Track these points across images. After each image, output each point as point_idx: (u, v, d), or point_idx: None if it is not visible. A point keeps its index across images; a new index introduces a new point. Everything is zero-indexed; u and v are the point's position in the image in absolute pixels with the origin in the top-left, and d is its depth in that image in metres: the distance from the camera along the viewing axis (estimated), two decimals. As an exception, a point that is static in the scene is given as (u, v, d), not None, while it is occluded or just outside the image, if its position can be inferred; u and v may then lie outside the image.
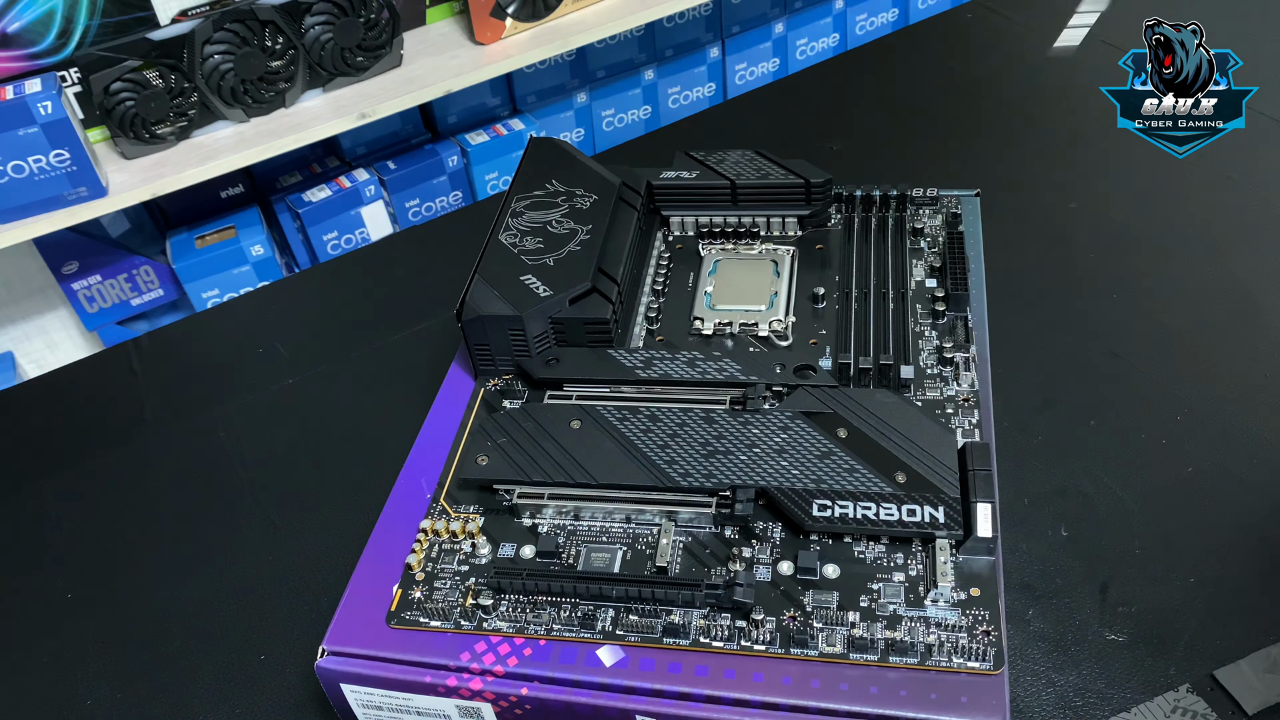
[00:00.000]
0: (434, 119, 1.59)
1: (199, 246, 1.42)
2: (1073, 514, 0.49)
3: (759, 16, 1.75)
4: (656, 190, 0.58)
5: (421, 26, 1.46)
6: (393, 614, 0.42)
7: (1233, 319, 0.58)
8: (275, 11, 1.26)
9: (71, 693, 0.48)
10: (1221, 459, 0.51)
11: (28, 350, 1.49)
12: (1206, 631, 0.44)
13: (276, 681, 0.47)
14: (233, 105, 1.29)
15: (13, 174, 1.16)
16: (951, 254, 0.52)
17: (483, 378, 0.52)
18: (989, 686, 0.37)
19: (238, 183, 1.49)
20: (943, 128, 0.77)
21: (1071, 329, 0.59)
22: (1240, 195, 0.67)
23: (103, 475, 0.59)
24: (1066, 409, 0.54)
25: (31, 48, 1.22)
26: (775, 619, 0.39)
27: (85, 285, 1.41)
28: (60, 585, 0.53)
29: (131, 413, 0.63)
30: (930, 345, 0.50)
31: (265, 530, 0.54)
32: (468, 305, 0.49)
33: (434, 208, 1.56)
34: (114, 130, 1.24)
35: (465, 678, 0.39)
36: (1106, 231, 0.66)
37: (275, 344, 0.67)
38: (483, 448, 0.46)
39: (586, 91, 1.66)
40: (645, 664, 0.39)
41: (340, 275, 0.76)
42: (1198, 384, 0.55)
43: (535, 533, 0.44)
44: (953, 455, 0.42)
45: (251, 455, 0.59)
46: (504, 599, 0.41)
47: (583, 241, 0.52)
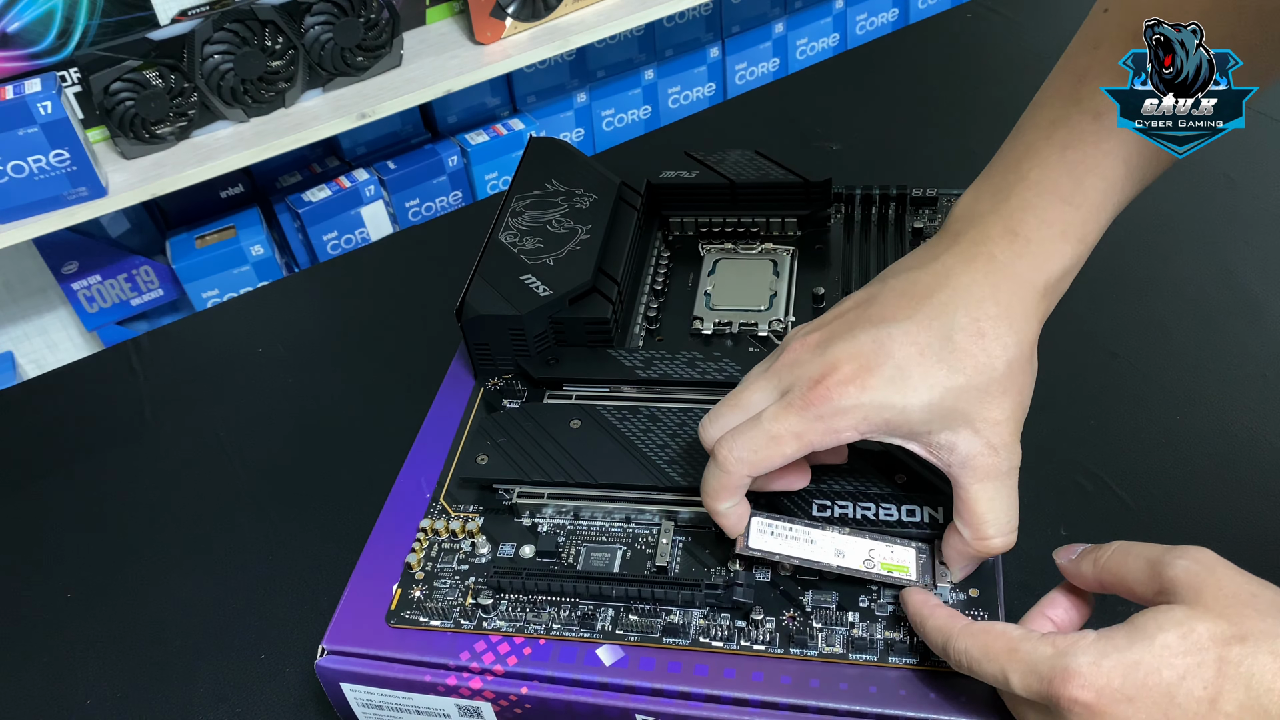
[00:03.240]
0: (434, 119, 1.58)
1: (199, 246, 1.42)
2: (1072, 513, 0.49)
3: (759, 16, 1.75)
4: (656, 190, 0.58)
5: (421, 26, 1.46)
6: (392, 613, 0.42)
7: (1232, 318, 0.59)
8: (275, 11, 1.26)
9: (71, 693, 0.48)
10: (1221, 459, 0.51)
11: (28, 350, 1.49)
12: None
13: (276, 681, 0.47)
14: (233, 105, 1.29)
15: (13, 174, 1.16)
16: (951, 254, 0.52)
17: (482, 377, 0.52)
18: (988, 686, 0.37)
19: (238, 183, 1.49)
20: (943, 128, 0.77)
21: (1071, 329, 0.59)
22: (1240, 195, 0.67)
23: (103, 475, 0.59)
24: (1066, 409, 0.54)
25: (31, 48, 1.22)
26: (775, 619, 0.39)
27: (85, 285, 1.41)
28: (60, 585, 0.53)
29: (131, 413, 0.63)
30: (930, 345, 0.50)
31: (265, 530, 0.54)
32: (468, 305, 0.49)
33: (434, 208, 1.56)
34: (114, 130, 1.24)
35: (465, 677, 0.39)
36: (1107, 232, 0.66)
37: (275, 344, 0.67)
38: (483, 447, 0.46)
39: (586, 91, 1.65)
40: (645, 663, 0.39)
41: (340, 275, 0.76)
42: (1198, 384, 0.55)
43: (535, 532, 0.44)
44: (952, 455, 0.42)
45: (251, 455, 0.59)
46: (504, 598, 0.41)
47: (583, 241, 0.52)
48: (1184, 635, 0.31)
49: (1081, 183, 0.39)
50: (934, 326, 0.38)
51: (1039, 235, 0.39)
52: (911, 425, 0.37)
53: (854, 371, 0.37)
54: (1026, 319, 0.38)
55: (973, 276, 0.39)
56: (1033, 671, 0.32)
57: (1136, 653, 0.31)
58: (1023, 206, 0.39)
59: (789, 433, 0.37)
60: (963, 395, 0.37)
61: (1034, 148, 0.40)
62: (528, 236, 0.52)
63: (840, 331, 0.39)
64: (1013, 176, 0.40)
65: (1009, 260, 0.39)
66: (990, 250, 0.39)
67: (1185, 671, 0.30)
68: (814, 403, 0.37)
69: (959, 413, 0.37)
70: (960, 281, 0.38)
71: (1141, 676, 0.30)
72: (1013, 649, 0.33)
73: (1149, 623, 0.31)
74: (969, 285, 0.38)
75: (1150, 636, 0.31)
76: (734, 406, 0.39)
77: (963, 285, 0.38)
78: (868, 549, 0.39)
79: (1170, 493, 0.50)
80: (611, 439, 0.45)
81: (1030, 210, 0.39)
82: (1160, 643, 0.31)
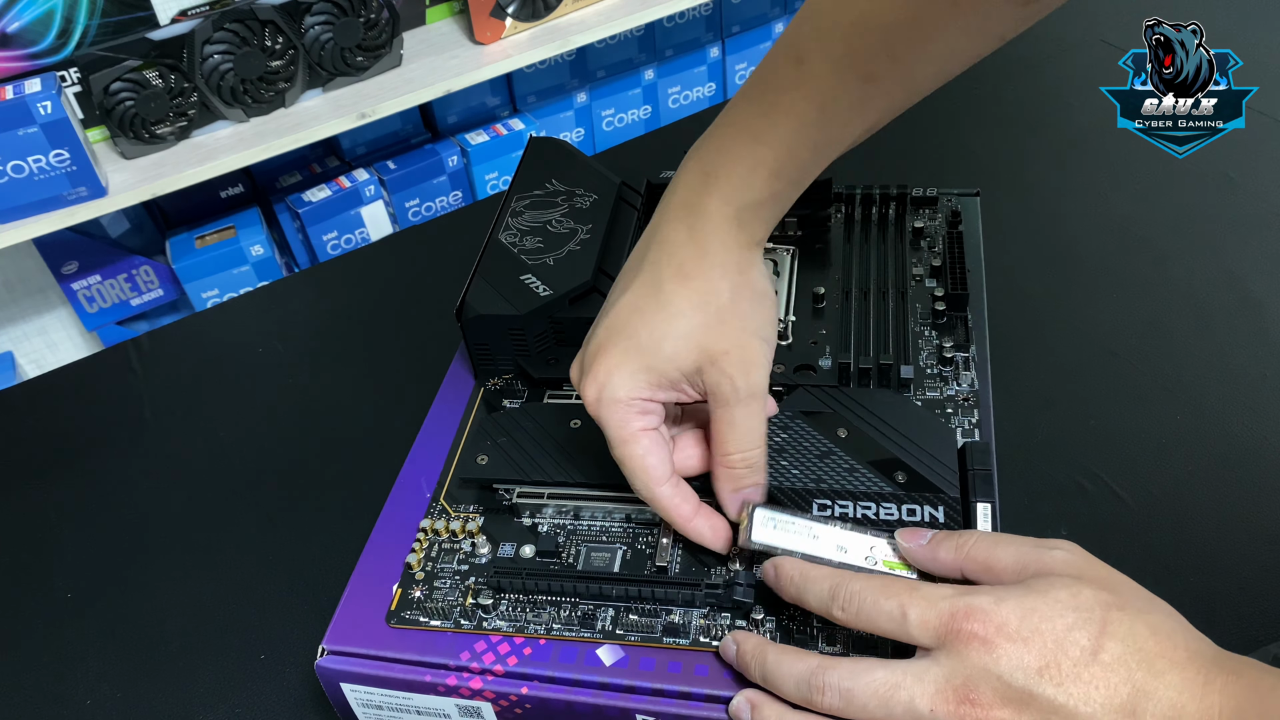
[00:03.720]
0: (434, 119, 1.58)
1: (199, 246, 1.42)
2: (1073, 514, 0.49)
3: (759, 16, 1.75)
4: (657, 190, 0.58)
5: (421, 26, 1.46)
6: (393, 613, 0.42)
7: (1232, 319, 0.59)
8: (275, 11, 1.26)
9: (71, 693, 0.48)
10: (1221, 459, 0.51)
11: (28, 350, 1.49)
12: (1206, 631, 0.44)
13: (276, 681, 0.47)
14: (232, 105, 1.29)
15: (12, 174, 1.15)
16: (951, 254, 0.52)
17: (483, 377, 0.52)
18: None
19: (238, 183, 1.49)
20: (943, 128, 0.77)
21: (1071, 329, 0.59)
22: (1240, 195, 0.67)
23: (103, 475, 0.59)
24: (1066, 409, 0.54)
25: (31, 48, 1.22)
26: (775, 619, 0.39)
27: (85, 285, 1.40)
28: (60, 585, 0.53)
29: (131, 413, 0.63)
30: (930, 345, 0.50)
31: (265, 530, 0.54)
32: (468, 305, 0.49)
33: (434, 208, 1.56)
34: (114, 130, 1.24)
35: (465, 677, 0.39)
36: (1106, 231, 0.66)
37: (275, 344, 0.67)
38: (483, 447, 0.46)
39: (586, 91, 1.65)
40: (645, 663, 0.39)
41: (340, 275, 0.76)
42: (1198, 384, 0.55)
43: (535, 532, 0.44)
44: (953, 455, 0.42)
45: (251, 455, 0.59)
46: (504, 598, 0.41)
47: (583, 241, 0.52)
48: (1074, 595, 0.33)
49: (774, 122, 0.40)
50: (647, 284, 0.41)
51: (726, 170, 0.40)
52: (669, 375, 0.40)
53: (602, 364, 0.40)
54: (726, 248, 0.41)
55: (673, 226, 0.41)
56: (933, 607, 0.34)
57: (1032, 601, 0.33)
58: (717, 149, 0.41)
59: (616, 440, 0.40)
60: (692, 335, 0.39)
61: (739, 96, 0.42)
62: (528, 236, 0.52)
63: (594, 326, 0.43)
64: (716, 122, 0.42)
65: (700, 198, 0.41)
66: (685, 196, 0.41)
67: (1074, 624, 0.33)
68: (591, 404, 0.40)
69: (698, 349, 0.40)
70: (662, 234, 0.41)
71: (1035, 622, 0.33)
72: (913, 588, 0.35)
73: (1041, 583, 0.34)
74: (669, 235, 0.41)
75: (1043, 592, 0.34)
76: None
77: (663, 236, 0.41)
78: (869, 545, 0.39)
79: (1170, 493, 0.50)
80: (612, 439, 0.45)
81: (721, 151, 0.41)
82: (1053, 597, 0.33)
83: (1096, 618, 0.33)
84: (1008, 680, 0.32)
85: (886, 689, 0.34)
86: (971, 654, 0.33)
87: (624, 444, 0.40)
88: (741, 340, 0.40)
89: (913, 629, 0.34)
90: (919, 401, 0.47)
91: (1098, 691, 0.32)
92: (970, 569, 0.36)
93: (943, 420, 0.46)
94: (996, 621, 0.33)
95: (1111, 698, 0.31)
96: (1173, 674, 0.32)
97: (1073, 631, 0.32)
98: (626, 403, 0.40)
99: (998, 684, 0.32)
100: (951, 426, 0.46)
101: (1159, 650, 0.32)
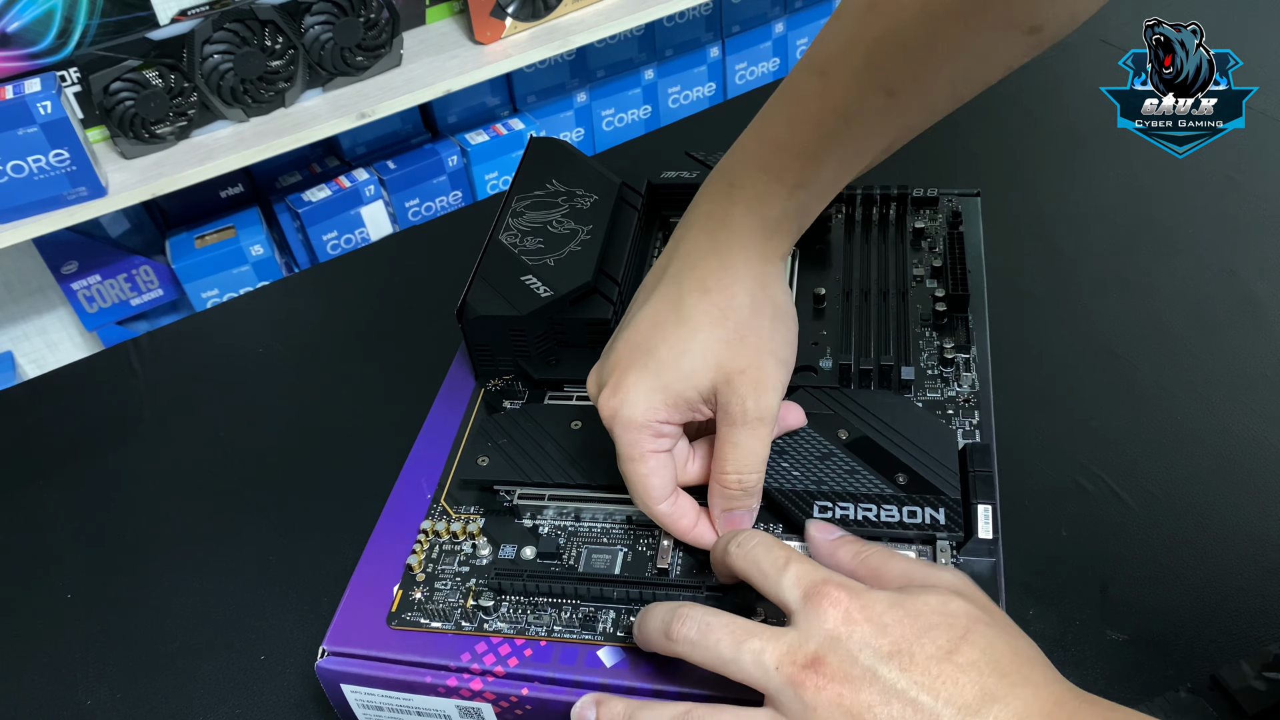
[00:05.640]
0: (434, 119, 1.58)
1: (199, 246, 1.42)
2: (1073, 514, 0.49)
3: (759, 16, 1.75)
4: (657, 190, 0.58)
5: (421, 26, 1.46)
6: (393, 614, 0.42)
7: (1233, 318, 0.58)
8: (275, 11, 1.26)
9: (71, 693, 0.48)
10: (1221, 459, 0.51)
11: (28, 350, 1.49)
12: (1206, 631, 0.44)
13: (276, 681, 0.47)
14: (232, 105, 1.29)
15: (12, 174, 1.16)
16: (952, 255, 0.52)
17: (483, 378, 0.52)
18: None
19: (237, 183, 1.49)
20: (943, 128, 0.77)
21: (1071, 329, 0.59)
22: (1240, 195, 0.67)
23: (103, 475, 0.59)
24: (1066, 409, 0.54)
25: (31, 47, 1.22)
26: (776, 619, 0.39)
27: (85, 285, 1.40)
28: (60, 585, 0.53)
29: (131, 413, 0.63)
30: (931, 346, 0.50)
31: (265, 530, 0.54)
32: (468, 305, 0.49)
33: (434, 208, 1.56)
34: (114, 130, 1.24)
35: (466, 678, 0.39)
36: (1106, 232, 0.66)
37: (275, 344, 0.67)
38: (483, 448, 0.46)
39: (586, 91, 1.65)
40: (645, 665, 0.39)
41: (340, 275, 0.76)
42: (1198, 384, 0.55)
43: (536, 534, 0.44)
44: (953, 457, 0.42)
45: (251, 455, 0.59)
46: (505, 600, 0.41)
47: (583, 242, 0.52)
48: (944, 603, 0.34)
49: (797, 134, 0.40)
50: (668, 297, 0.40)
51: (750, 181, 0.40)
52: (686, 395, 0.40)
53: (620, 381, 0.40)
54: (748, 261, 0.40)
55: (695, 239, 0.41)
56: (814, 571, 0.35)
57: (902, 598, 0.34)
58: (741, 161, 0.41)
59: (625, 457, 0.40)
60: (711, 350, 0.39)
61: (763, 111, 0.42)
62: (528, 237, 0.52)
63: (614, 338, 0.42)
64: (740, 137, 0.42)
65: (725, 210, 0.41)
66: (709, 208, 0.41)
67: (937, 624, 0.33)
68: (607, 420, 0.40)
69: (715, 367, 0.39)
70: (685, 247, 0.41)
71: (900, 615, 0.33)
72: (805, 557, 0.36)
73: (918, 589, 0.35)
74: (691, 248, 0.41)
75: (916, 595, 0.34)
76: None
77: (686, 250, 0.41)
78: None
79: (1170, 493, 0.50)
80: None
81: (745, 163, 0.41)
82: (924, 600, 0.34)
83: (960, 625, 0.33)
84: (855, 655, 0.32)
85: (742, 632, 0.34)
86: (828, 620, 0.33)
87: (631, 461, 0.40)
88: (759, 360, 0.40)
89: (786, 580, 0.35)
90: (920, 403, 0.47)
91: (944, 687, 0.32)
92: (862, 574, 0.37)
93: (943, 421, 0.46)
94: (863, 601, 0.33)
95: (957, 695, 0.31)
96: (1025, 689, 0.32)
97: (933, 630, 0.33)
98: (641, 425, 0.40)
99: (845, 657, 0.32)
100: (952, 428, 0.46)
101: (1015, 667, 0.32)
